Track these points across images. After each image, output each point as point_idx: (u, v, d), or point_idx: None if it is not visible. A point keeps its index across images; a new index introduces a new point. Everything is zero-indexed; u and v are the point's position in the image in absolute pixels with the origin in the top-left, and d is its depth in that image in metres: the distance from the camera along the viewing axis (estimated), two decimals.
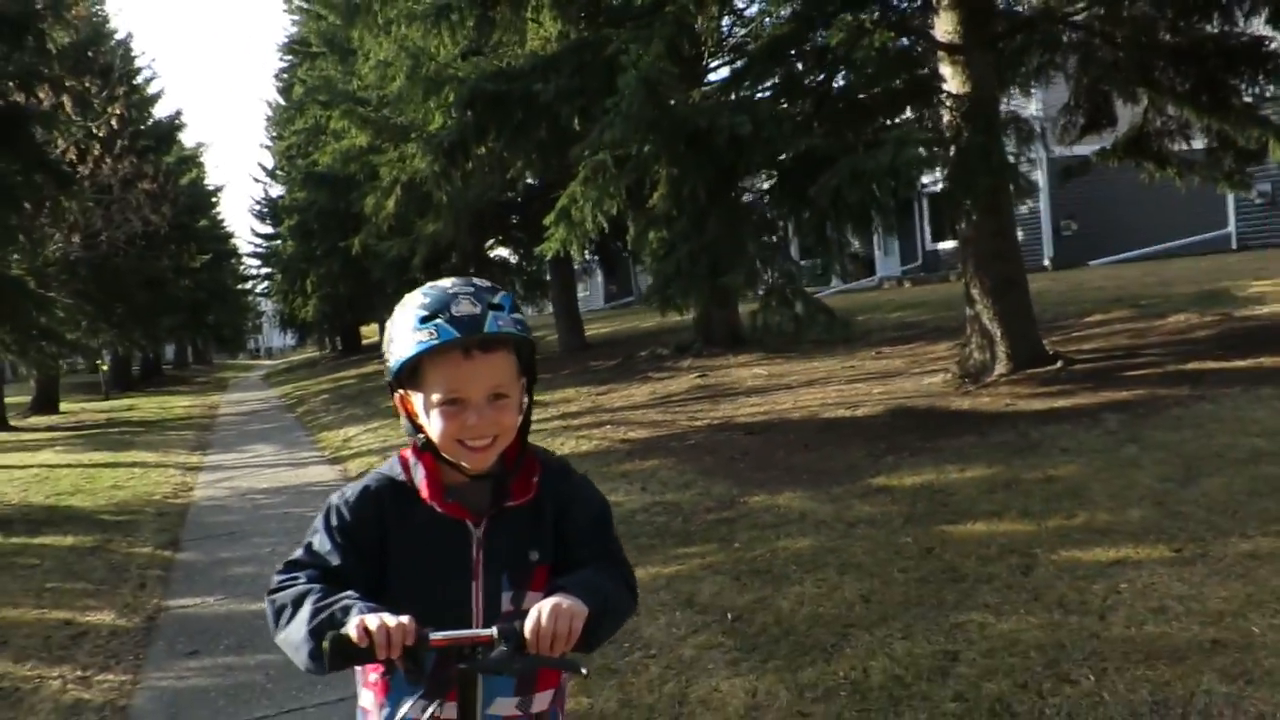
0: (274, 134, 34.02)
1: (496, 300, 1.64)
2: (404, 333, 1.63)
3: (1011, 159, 7.34)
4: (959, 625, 3.50)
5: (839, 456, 6.46)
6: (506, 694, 1.71)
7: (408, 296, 1.70)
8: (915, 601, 3.80)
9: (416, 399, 1.68)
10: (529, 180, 16.56)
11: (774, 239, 7.02)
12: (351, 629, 1.46)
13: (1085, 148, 11.91)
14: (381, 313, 33.28)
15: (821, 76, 6.98)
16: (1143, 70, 9.48)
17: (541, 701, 1.74)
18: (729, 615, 4.00)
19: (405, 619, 1.46)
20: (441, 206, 13.40)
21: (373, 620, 1.45)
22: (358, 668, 1.66)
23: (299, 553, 1.70)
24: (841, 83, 7.20)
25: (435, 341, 1.60)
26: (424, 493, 1.67)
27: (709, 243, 6.07)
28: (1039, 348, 8.36)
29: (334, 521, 1.69)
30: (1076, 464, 5.27)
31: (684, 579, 4.54)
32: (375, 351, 31.95)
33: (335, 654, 1.45)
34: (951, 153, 7.02)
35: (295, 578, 1.65)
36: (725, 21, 9.02)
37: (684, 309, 7.37)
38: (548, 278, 27.47)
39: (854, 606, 3.85)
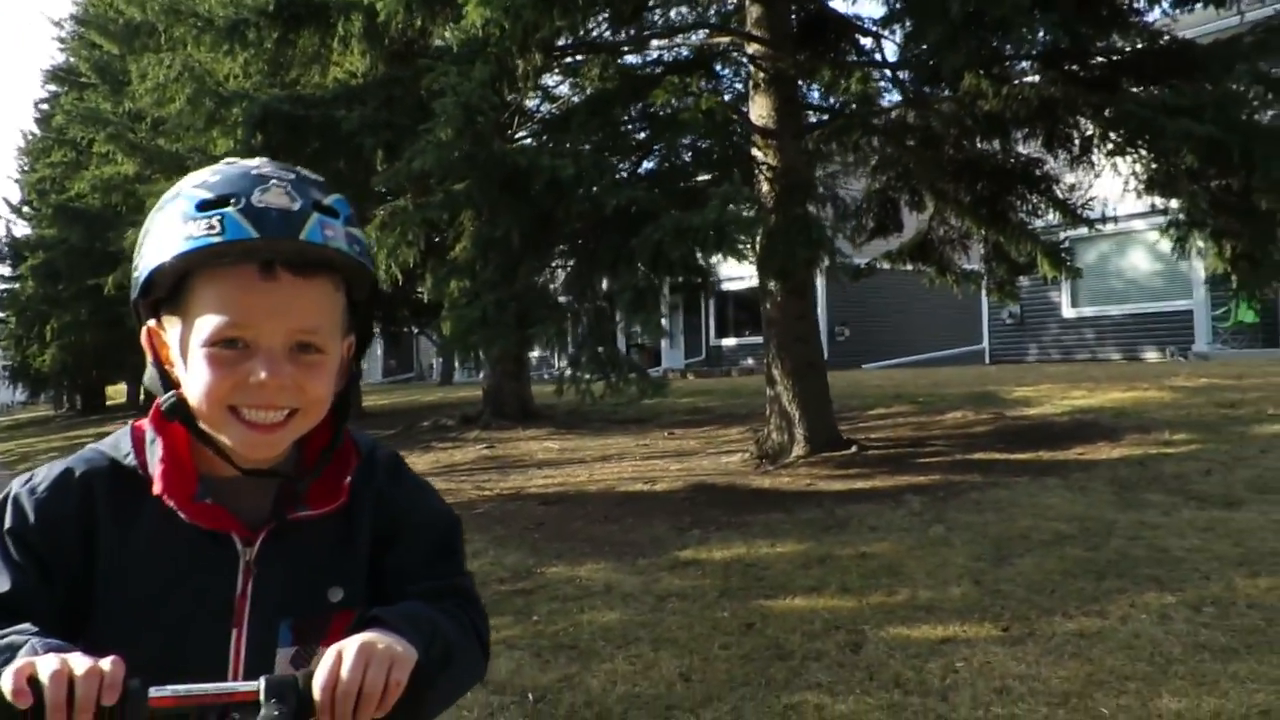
0: (26, 166, 30.86)
1: (327, 202, 1.07)
2: (168, 226, 1.05)
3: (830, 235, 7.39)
4: (792, 706, 3.13)
5: (642, 529, 6.06)
6: None
7: (186, 177, 1.11)
8: (741, 680, 3.40)
9: (173, 333, 1.09)
10: None
11: (585, 296, 6.68)
12: (7, 680, 0.86)
13: (865, 256, 12.52)
14: (133, 371, 30.48)
15: (644, 134, 6.81)
16: (931, 180, 10.02)
17: None
18: (530, 696, 3.44)
19: (106, 663, 0.88)
20: None
21: (48, 665, 0.86)
22: None
23: None
24: (660, 147, 7.07)
25: (216, 239, 1.01)
26: (158, 486, 1.06)
27: (518, 291, 5.62)
28: (835, 432, 8.41)
29: (8, 524, 1.05)
30: (888, 541, 5.11)
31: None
32: (120, 412, 29.01)
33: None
34: (771, 221, 6.98)
35: None
36: (548, 80, 8.78)
37: (484, 357, 6.85)
38: None
39: (674, 685, 3.40)
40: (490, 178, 5.60)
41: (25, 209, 29.89)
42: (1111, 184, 8.96)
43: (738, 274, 19.22)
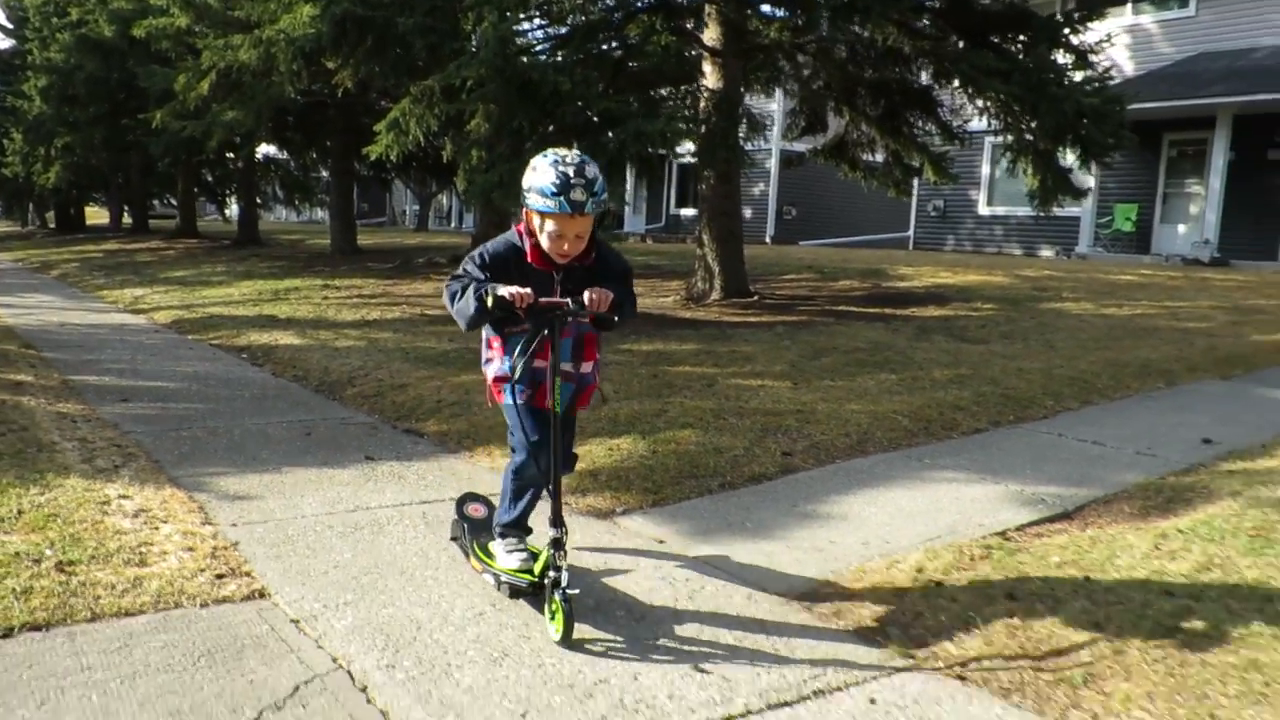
0: None
1: (596, 189, 2.87)
2: (541, 192, 2.85)
3: (742, 142, 10.06)
4: (669, 401, 6.05)
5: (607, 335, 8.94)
6: (567, 358, 3.05)
7: (540, 163, 2.91)
8: (645, 393, 6.32)
9: (536, 220, 2.94)
10: (315, 87, 17.67)
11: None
12: (504, 292, 2.81)
13: (804, 145, 15.16)
14: (118, 195, 32.22)
15: (619, 54, 9.35)
16: (847, 95, 12.61)
17: (586, 368, 3.16)
18: None
19: (528, 290, 2.84)
20: (251, 99, 14.49)
21: (513, 289, 2.83)
22: (486, 336, 3.14)
23: (459, 273, 3.00)
24: (634, 64, 9.62)
25: (557, 210, 2.85)
26: (528, 256, 3.01)
27: (525, 163, 8.25)
28: (745, 285, 11.29)
29: (480, 261, 3.01)
30: (751, 346, 8.06)
31: None
32: (104, 232, 30.95)
33: (495, 305, 2.79)
34: (703, 130, 9.64)
35: (460, 278, 2.98)
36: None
37: (504, 209, 9.52)
38: (319, 181, 28.21)
39: (614, 391, 6.31)
40: (511, 84, 8.17)
41: (28, 29, 30.87)
42: None
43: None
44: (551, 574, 2.94)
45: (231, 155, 23.84)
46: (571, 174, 2.85)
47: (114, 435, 5.38)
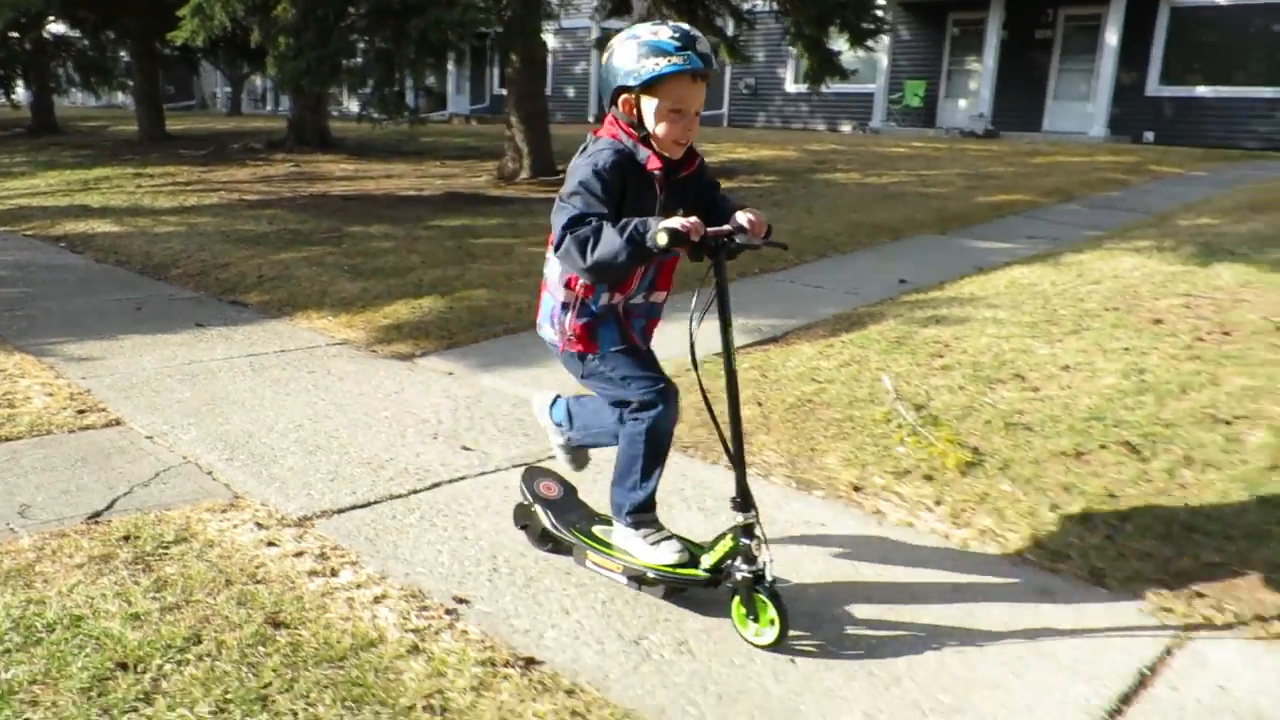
0: None
1: (708, 49, 2.38)
2: (658, 49, 2.31)
3: (547, 25, 10.73)
4: (469, 267, 6.96)
5: (409, 212, 9.66)
6: (645, 289, 2.64)
7: (641, 29, 2.38)
8: (450, 262, 7.19)
9: (648, 105, 2.39)
10: None
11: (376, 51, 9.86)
12: (676, 224, 2.25)
13: (619, 24, 15.86)
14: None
15: None
16: None
17: (658, 297, 2.72)
18: (344, 266, 7.11)
19: (696, 219, 2.30)
20: None
21: (683, 219, 2.29)
22: (554, 282, 2.63)
23: (575, 210, 2.40)
24: None
25: (687, 66, 2.29)
26: (649, 162, 2.44)
27: (331, 51, 8.73)
28: (551, 164, 12.12)
29: (601, 183, 2.40)
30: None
31: (313, 262, 7.52)
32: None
33: (672, 241, 2.23)
34: (506, 16, 10.28)
35: (583, 219, 2.36)
36: None
37: (311, 94, 9.95)
38: (117, 62, 26.65)
39: (421, 261, 7.16)
40: None
41: None
42: None
43: None
44: (744, 567, 2.46)
45: (17, 35, 22.38)
46: (689, 30, 2.41)
47: None
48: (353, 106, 17.59)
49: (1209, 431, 3.71)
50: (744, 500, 2.48)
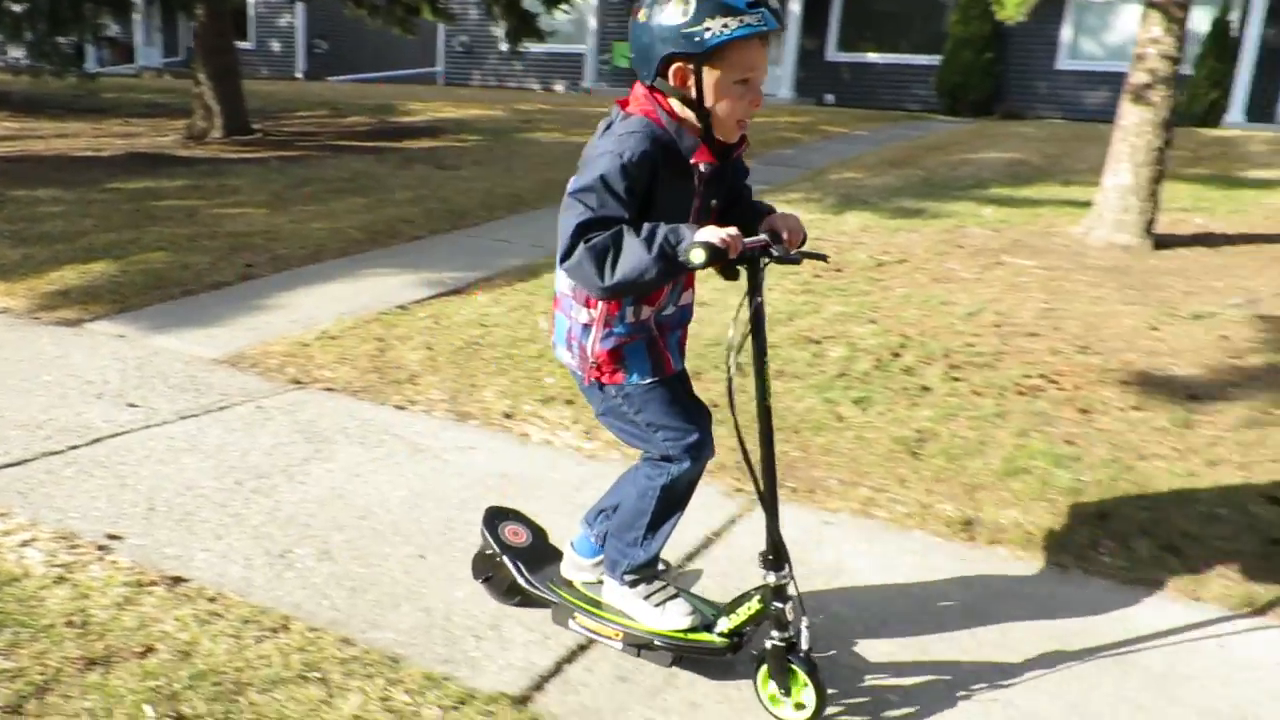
0: None
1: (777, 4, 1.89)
2: (717, 14, 1.80)
3: None
4: (147, 230, 6.76)
5: (84, 175, 9.10)
6: (675, 295, 2.18)
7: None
8: (127, 226, 6.94)
9: (710, 77, 1.87)
10: None
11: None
12: (713, 238, 1.83)
13: None
14: None
15: None
16: None
17: (687, 298, 2.24)
18: (4, 233, 6.69)
19: (734, 230, 1.87)
20: None
21: (720, 231, 1.86)
22: (559, 291, 2.16)
23: (591, 211, 1.91)
24: None
25: (764, 27, 1.82)
26: (696, 157, 1.99)
27: None
28: (245, 122, 11.73)
29: (626, 179, 1.92)
30: (241, 180, 8.81)
31: None
32: None
33: (710, 257, 1.83)
34: None
35: (601, 221, 1.89)
36: None
37: None
38: None
39: (94, 226, 6.86)
40: None
41: None
42: None
43: None
44: (775, 634, 2.12)
45: None
46: None
47: None
48: (18, 55, 15.92)
49: (801, 350, 4.46)
50: (776, 557, 2.10)
